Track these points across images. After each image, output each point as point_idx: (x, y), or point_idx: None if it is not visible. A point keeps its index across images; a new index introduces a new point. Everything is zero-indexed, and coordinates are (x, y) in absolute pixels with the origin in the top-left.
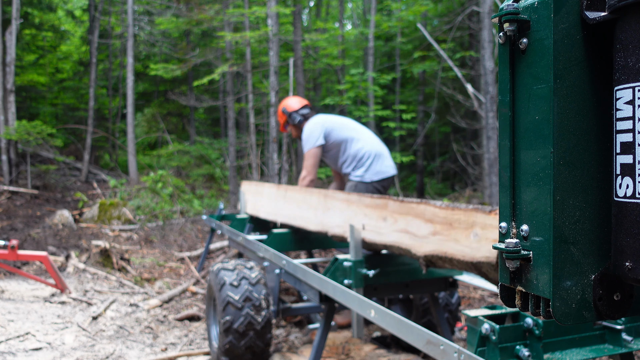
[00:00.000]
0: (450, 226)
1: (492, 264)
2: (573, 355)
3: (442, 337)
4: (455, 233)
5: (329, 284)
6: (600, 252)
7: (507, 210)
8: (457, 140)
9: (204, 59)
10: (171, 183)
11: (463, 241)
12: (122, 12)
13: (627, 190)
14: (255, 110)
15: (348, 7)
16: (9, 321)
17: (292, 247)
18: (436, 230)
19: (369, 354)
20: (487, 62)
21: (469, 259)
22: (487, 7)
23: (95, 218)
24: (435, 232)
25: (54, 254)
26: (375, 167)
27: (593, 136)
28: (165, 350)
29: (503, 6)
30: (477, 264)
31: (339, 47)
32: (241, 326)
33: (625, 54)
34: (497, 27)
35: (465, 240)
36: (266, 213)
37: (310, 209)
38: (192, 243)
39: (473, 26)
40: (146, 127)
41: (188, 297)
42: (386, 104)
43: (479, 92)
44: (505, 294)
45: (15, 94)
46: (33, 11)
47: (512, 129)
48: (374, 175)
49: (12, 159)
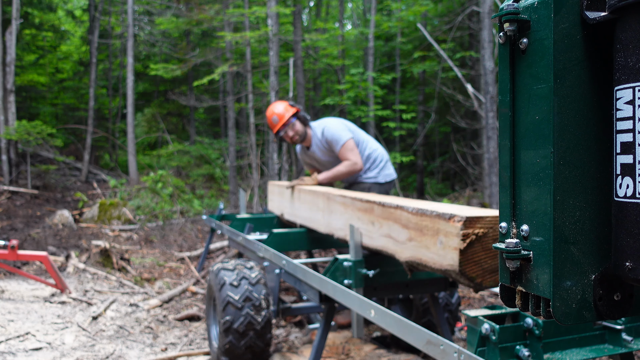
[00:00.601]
0: (421, 232)
1: (456, 272)
2: (573, 355)
3: (442, 337)
4: (425, 239)
5: (329, 284)
6: (600, 252)
7: (507, 210)
8: (457, 140)
9: (204, 59)
10: (171, 183)
11: (432, 248)
12: (122, 12)
13: (627, 190)
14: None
15: (348, 7)
16: (9, 321)
17: (292, 247)
18: (411, 236)
19: (369, 354)
20: (487, 62)
21: (438, 267)
22: (487, 7)
23: (95, 218)
24: (411, 238)
25: (54, 254)
26: (386, 170)
27: (593, 136)
28: (165, 350)
29: (503, 6)
30: (445, 271)
31: (339, 47)
32: (241, 326)
33: (625, 54)
34: (497, 27)
35: (434, 247)
36: (288, 214)
37: (318, 211)
38: (192, 243)
39: (473, 26)
40: (146, 127)
41: (188, 297)
42: (386, 104)
43: (479, 92)
44: (506, 294)
45: (15, 94)
46: (33, 11)
47: (512, 129)
48: (386, 177)
49: (12, 159)
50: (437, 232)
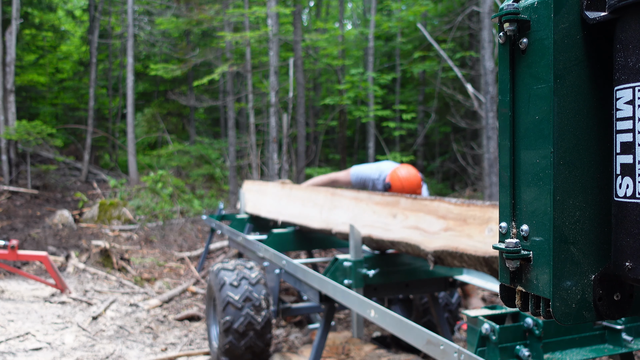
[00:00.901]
0: (464, 222)
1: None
2: (573, 355)
3: (442, 337)
4: (468, 229)
5: (329, 284)
6: (600, 252)
7: (507, 210)
8: (457, 140)
9: (204, 59)
10: (171, 183)
11: (476, 236)
12: (122, 12)
13: (627, 190)
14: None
15: (348, 7)
16: (9, 321)
17: (292, 247)
18: (448, 226)
19: (369, 354)
20: (487, 62)
21: (482, 254)
22: (487, 7)
23: (95, 218)
24: (448, 228)
25: (54, 254)
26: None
27: (593, 136)
28: (165, 350)
29: (503, 6)
30: (488, 258)
31: (339, 47)
32: (241, 326)
33: (625, 54)
34: (497, 27)
35: (479, 236)
36: (267, 212)
37: (315, 206)
38: (192, 243)
39: (473, 26)
40: (146, 127)
41: (188, 297)
42: (386, 104)
43: (479, 92)
44: (505, 294)
45: (15, 94)
46: (33, 11)
47: (512, 129)
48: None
49: (12, 159)
50: (487, 221)
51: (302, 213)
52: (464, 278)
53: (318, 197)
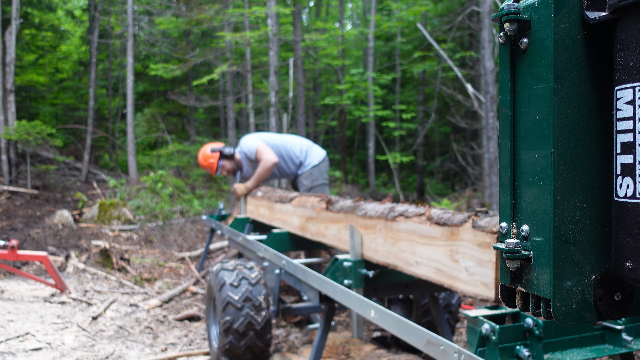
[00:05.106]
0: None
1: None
2: (573, 355)
3: (442, 337)
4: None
5: (329, 284)
6: (600, 252)
7: (507, 210)
8: (457, 140)
9: (203, 59)
10: (171, 183)
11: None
12: (122, 12)
13: (628, 190)
14: (255, 110)
15: (348, 7)
16: (9, 321)
17: (292, 247)
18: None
19: (369, 354)
20: (487, 62)
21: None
22: (487, 7)
23: (95, 218)
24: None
25: (53, 254)
26: (313, 152)
27: (593, 136)
28: (165, 350)
29: (503, 6)
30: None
31: (339, 47)
32: (241, 326)
33: (625, 54)
34: (498, 27)
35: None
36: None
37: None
38: (192, 243)
39: (473, 26)
40: (146, 127)
41: (188, 297)
42: (386, 104)
43: (479, 92)
44: (506, 294)
45: (15, 94)
46: (33, 11)
47: (513, 129)
48: (318, 157)
49: (12, 159)
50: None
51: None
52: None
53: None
